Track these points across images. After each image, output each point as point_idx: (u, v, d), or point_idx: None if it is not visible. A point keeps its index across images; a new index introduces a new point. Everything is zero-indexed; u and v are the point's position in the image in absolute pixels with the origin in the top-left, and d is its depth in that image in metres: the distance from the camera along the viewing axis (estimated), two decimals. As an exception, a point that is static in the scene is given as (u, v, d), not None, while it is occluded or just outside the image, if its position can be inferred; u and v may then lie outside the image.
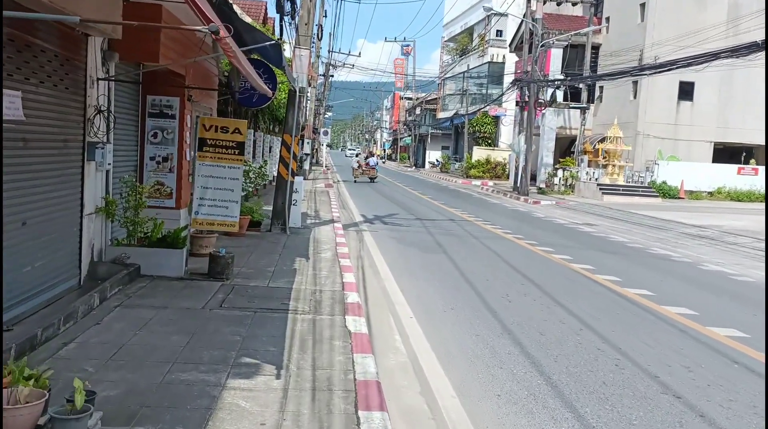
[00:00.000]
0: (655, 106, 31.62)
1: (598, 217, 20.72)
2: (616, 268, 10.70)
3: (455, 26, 57.29)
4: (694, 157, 31.87)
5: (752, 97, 31.84)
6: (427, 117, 65.97)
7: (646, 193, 27.75)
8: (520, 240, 13.69)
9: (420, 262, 10.35)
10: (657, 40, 30.65)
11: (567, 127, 36.17)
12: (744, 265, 11.77)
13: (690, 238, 15.63)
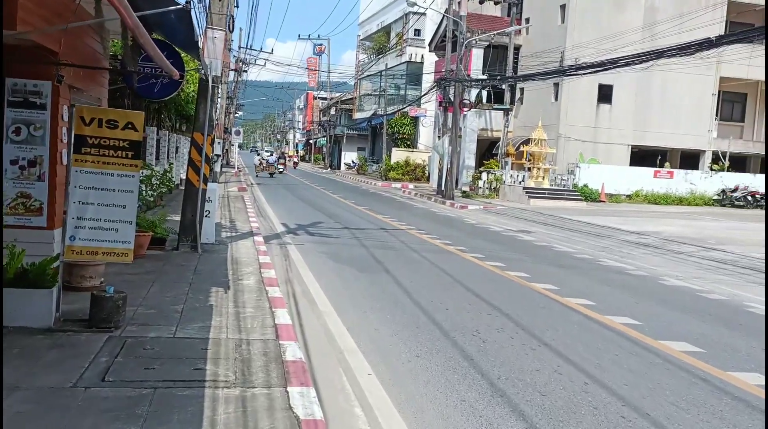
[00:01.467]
0: (576, 108, 31.35)
1: (531, 223, 19.76)
2: (579, 287, 9.45)
3: (371, 24, 55.97)
4: (613, 160, 31.85)
5: (668, 102, 32.18)
6: (342, 117, 64.35)
7: (571, 196, 27.26)
8: (464, 253, 12.31)
9: (362, 287, 8.70)
10: (578, 42, 30.35)
11: (488, 129, 35.49)
12: (706, 279, 10.84)
13: (634, 247, 14.77)
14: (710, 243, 15.28)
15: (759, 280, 11.05)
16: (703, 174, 31.73)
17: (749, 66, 32.17)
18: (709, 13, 30.88)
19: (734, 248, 14.46)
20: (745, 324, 7.73)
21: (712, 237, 16.54)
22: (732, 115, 35.62)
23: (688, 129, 32.55)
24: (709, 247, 14.50)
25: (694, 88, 32.28)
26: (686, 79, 31.72)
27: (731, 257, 13.28)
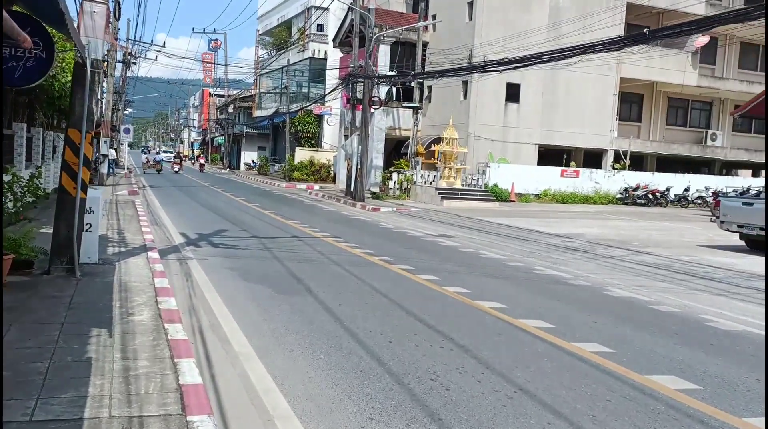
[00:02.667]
0: (485, 107, 30.98)
1: (449, 226, 18.85)
2: (528, 304, 8.43)
3: (271, 19, 53.86)
4: (522, 160, 31.76)
5: (572, 102, 32.45)
6: (241, 115, 61.77)
7: (484, 196, 26.73)
8: (391, 264, 11.07)
9: (283, 315, 7.24)
10: (486, 40, 29.96)
11: (396, 128, 34.57)
12: (649, 288, 10.14)
13: (562, 251, 14.08)
14: (635, 245, 14.85)
15: (700, 286, 10.49)
16: (607, 173, 32.24)
17: (647, 68, 33.02)
18: (610, 16, 31.33)
19: (660, 251, 14.06)
20: (718, 345, 6.91)
21: (634, 238, 16.19)
22: (630, 115, 36.56)
23: (592, 129, 32.99)
24: (637, 250, 14.03)
25: (597, 88, 32.75)
26: (590, 80, 32.10)
27: (662, 261, 12.80)
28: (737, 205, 14.02)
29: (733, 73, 37.86)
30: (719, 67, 37.77)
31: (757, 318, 8.34)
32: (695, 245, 15.24)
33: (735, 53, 38.08)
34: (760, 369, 6.01)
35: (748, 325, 7.88)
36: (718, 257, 13.24)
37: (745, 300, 9.49)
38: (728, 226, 14.27)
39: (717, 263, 12.45)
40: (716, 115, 38.52)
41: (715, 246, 15.17)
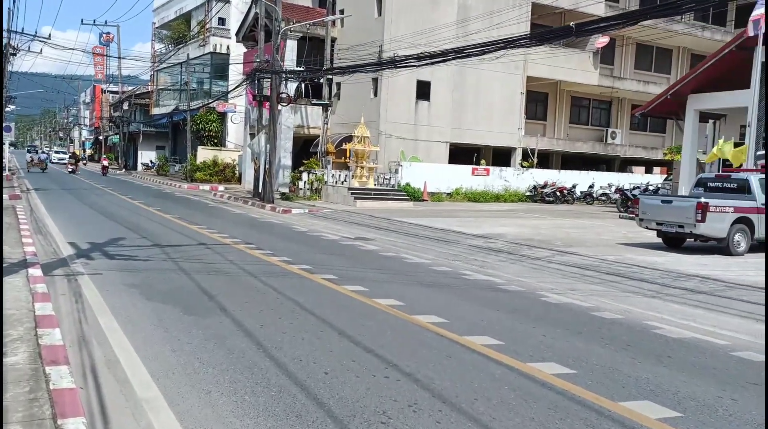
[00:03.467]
0: (396, 105, 30.43)
1: (365, 228, 18.06)
2: (468, 316, 7.74)
3: (168, 11, 51.21)
4: (433, 158, 31.47)
5: (482, 100, 32.49)
6: (138, 113, 58.51)
7: (398, 196, 26.13)
8: (312, 274, 10.12)
9: (195, 343, 6.16)
10: (395, 35, 29.41)
11: (304, 126, 33.41)
12: (582, 292, 9.73)
13: (486, 253, 13.60)
14: (558, 245, 14.60)
15: (633, 288, 10.19)
16: (516, 171, 32.51)
17: (552, 67, 33.58)
18: (516, 14, 31.58)
19: (584, 250, 13.84)
20: (676, 357, 6.44)
21: (554, 237, 15.99)
22: (536, 113, 37.14)
23: (501, 127, 33.17)
24: (561, 251, 13.74)
25: (505, 87, 32.96)
26: (498, 78, 32.25)
27: (589, 262, 12.52)
28: (656, 204, 14.02)
29: (630, 73, 39.29)
30: (617, 68, 39.08)
31: (698, 322, 8.04)
32: (614, 243, 15.19)
33: (631, 54, 39.52)
34: (728, 385, 5.55)
35: (694, 331, 7.52)
36: (640, 256, 13.15)
37: (681, 302, 9.23)
38: (647, 224, 14.26)
39: (642, 262, 12.30)
40: (615, 114, 39.86)
41: (633, 244, 15.18)
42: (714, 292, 9.90)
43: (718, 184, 14.42)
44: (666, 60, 41.04)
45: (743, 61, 21.74)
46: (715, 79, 22.76)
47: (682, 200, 13.51)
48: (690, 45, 40.49)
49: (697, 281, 10.60)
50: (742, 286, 10.25)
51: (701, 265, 12.14)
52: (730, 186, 14.12)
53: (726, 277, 10.95)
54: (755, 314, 8.56)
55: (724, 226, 13.14)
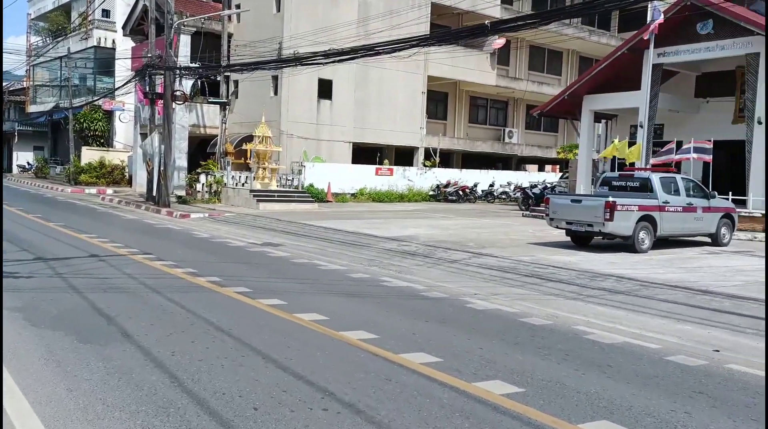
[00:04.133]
0: (297, 104, 29.62)
1: (272, 232, 17.27)
2: (397, 329, 7.27)
3: (45, 2, 47.60)
4: (336, 158, 30.92)
5: (384, 99, 32.27)
6: (12, 111, 54.09)
7: (302, 198, 25.35)
8: (222, 287, 9.33)
9: (97, 379, 5.30)
10: (295, 32, 28.60)
11: (200, 125, 31.91)
12: (506, 296, 9.53)
13: (401, 257, 13.22)
14: (471, 246, 14.45)
15: (554, 290, 10.11)
16: (419, 170, 32.54)
17: (452, 67, 33.89)
18: (416, 14, 31.58)
19: (498, 251, 13.76)
20: (616, 366, 6.25)
21: (466, 238, 15.87)
22: (437, 113, 37.41)
23: (403, 126, 33.10)
24: (476, 252, 13.59)
25: (407, 86, 32.91)
26: (399, 77, 32.15)
27: (506, 263, 12.41)
28: (566, 203, 14.17)
29: (525, 74, 40.39)
30: (512, 69, 40.06)
31: (624, 324, 7.98)
32: (525, 243, 15.25)
33: (525, 56, 40.65)
34: (677, 396, 5.38)
35: (623, 335, 7.42)
36: (553, 256, 13.20)
37: (602, 304, 9.20)
38: (557, 224, 14.39)
39: (557, 262, 12.33)
40: (512, 114, 40.88)
41: (543, 243, 15.30)
42: (631, 291, 9.97)
43: (622, 183, 14.78)
44: (557, 62, 42.55)
45: (634, 64, 22.69)
46: (608, 80, 23.63)
47: (591, 199, 13.71)
48: (578, 48, 42.18)
49: (613, 281, 10.67)
50: (655, 284, 10.40)
51: (611, 264, 12.31)
52: (633, 185, 14.50)
53: (638, 275, 11.11)
54: (675, 314, 8.63)
55: (630, 224, 13.44)
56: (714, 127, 22.88)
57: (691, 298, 9.45)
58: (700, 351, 6.86)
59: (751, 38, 19.53)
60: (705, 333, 7.70)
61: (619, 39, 41.18)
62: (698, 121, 23.83)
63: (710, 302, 9.20)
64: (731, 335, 7.64)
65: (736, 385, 5.76)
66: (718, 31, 20.42)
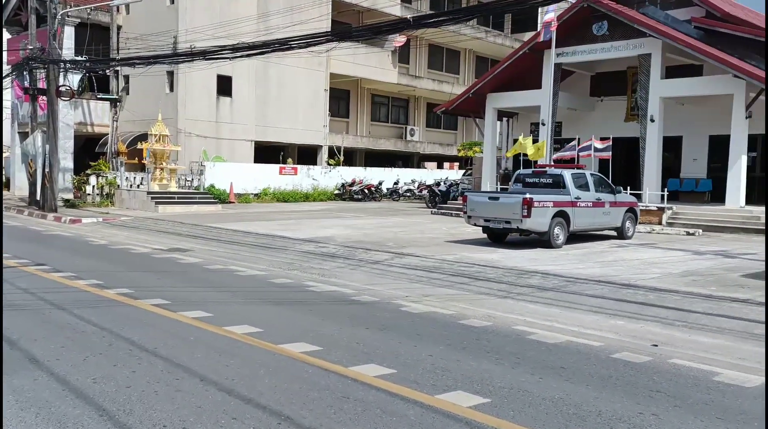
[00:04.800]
0: (195, 101, 28.35)
1: (177, 237, 16.28)
2: (341, 340, 6.85)
3: None
4: (238, 157, 29.89)
5: (286, 96, 31.54)
6: None
7: (204, 199, 24.22)
8: (135, 299, 8.52)
9: (15, 424, 4.54)
10: (191, 26, 27.36)
11: (88, 123, 29.86)
12: (438, 297, 9.32)
13: (321, 259, 12.77)
14: (391, 246, 14.21)
15: (483, 289, 10.01)
16: (324, 169, 32.04)
17: (354, 64, 33.63)
18: (317, 11, 31.07)
19: (419, 250, 13.59)
20: (569, 367, 6.14)
21: (383, 238, 15.61)
22: (339, 111, 37.04)
23: (306, 124, 32.50)
24: (397, 252, 13.35)
25: (309, 83, 32.33)
26: (301, 74, 31.53)
27: (430, 263, 12.24)
28: (483, 201, 14.22)
29: (425, 72, 40.79)
30: (413, 67, 40.34)
31: (561, 322, 7.95)
32: (443, 241, 15.19)
33: (425, 55, 41.05)
34: (639, 397, 5.30)
35: (564, 334, 7.37)
36: (475, 253, 13.19)
37: (534, 301, 9.17)
38: (475, 221, 14.42)
39: (480, 261, 12.30)
40: (413, 112, 41.17)
41: (461, 241, 15.30)
42: (559, 288, 10.04)
43: (535, 180, 15.03)
44: (455, 61, 43.30)
45: (535, 63, 23.31)
46: (511, 79, 24.16)
47: (509, 197, 13.82)
48: (475, 48, 43.12)
49: (540, 277, 10.73)
50: (580, 279, 10.54)
51: (533, 260, 12.43)
52: (546, 181, 14.77)
53: (561, 271, 11.24)
54: (605, 309, 8.71)
55: (546, 220, 13.66)
56: (608, 124, 23.94)
57: (616, 292, 9.62)
58: (640, 347, 6.89)
59: (644, 40, 20.53)
60: (638, 327, 7.79)
61: (513, 39, 42.54)
62: (594, 119, 24.86)
63: (635, 296, 9.40)
64: (663, 328, 7.76)
65: (687, 381, 5.78)
66: (613, 33, 21.32)
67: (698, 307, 8.69)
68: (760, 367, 6.22)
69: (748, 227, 17.75)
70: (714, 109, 21.11)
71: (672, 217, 19.04)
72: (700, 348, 6.91)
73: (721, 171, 21.39)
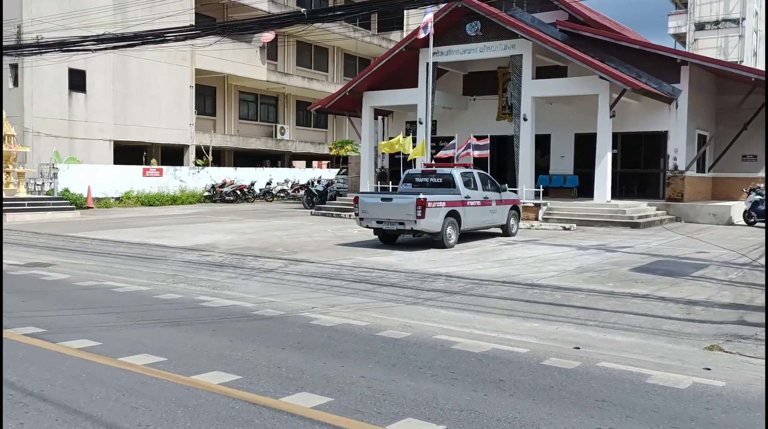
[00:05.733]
0: (44, 97, 25.76)
1: (34, 249, 14.55)
2: (269, 368, 6.16)
3: None
4: (95, 159, 27.56)
5: (147, 93, 29.54)
6: None
7: (59, 205, 21.97)
8: (5, 330, 7.25)
9: None
10: (37, 15, 24.83)
11: None
12: (348, 307, 8.83)
13: (208, 269, 11.84)
14: (280, 252, 13.47)
15: (389, 296, 9.64)
16: (191, 170, 30.37)
17: (221, 60, 32.18)
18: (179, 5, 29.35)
19: (312, 256, 12.98)
20: (510, 380, 5.88)
21: (270, 243, 14.82)
22: (205, 108, 35.33)
23: (171, 123, 30.66)
24: (289, 259, 12.65)
25: (173, 79, 30.51)
26: (164, 70, 29.67)
27: (327, 269, 11.67)
28: (376, 202, 13.85)
29: (293, 69, 39.95)
30: (281, 64, 39.37)
31: (479, 328, 7.75)
32: (334, 245, 14.67)
33: (293, 51, 40.20)
34: (589, 410, 5.12)
35: (486, 340, 7.15)
36: (372, 257, 12.79)
37: (446, 307, 8.93)
38: (368, 223, 14.03)
39: (378, 265, 11.92)
40: (282, 110, 40.18)
41: (351, 243, 14.87)
42: (466, 291, 9.88)
43: (425, 180, 14.91)
44: (323, 58, 42.82)
45: (411, 62, 23.38)
46: (388, 77, 24.07)
47: (402, 198, 13.55)
48: (343, 45, 42.87)
49: (444, 280, 10.53)
50: (484, 281, 10.44)
51: (431, 262, 12.25)
52: (436, 181, 14.69)
53: (463, 272, 11.12)
54: (517, 311, 8.64)
55: (439, 220, 13.55)
56: (481, 123, 24.54)
57: (523, 293, 9.60)
58: (564, 350, 6.80)
59: (515, 41, 21.15)
60: (554, 329, 7.75)
61: (381, 38, 42.79)
62: (467, 118, 25.38)
63: (543, 296, 9.42)
64: (577, 329, 7.78)
65: (624, 386, 5.70)
66: (486, 33, 21.80)
67: (604, 304, 8.84)
68: (681, 365, 6.31)
69: (616, 220, 18.80)
70: (579, 108, 22.22)
71: (547, 213, 19.77)
72: (619, 348, 6.94)
73: (586, 167, 22.60)
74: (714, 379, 5.90)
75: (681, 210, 20.77)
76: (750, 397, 5.43)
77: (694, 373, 6.09)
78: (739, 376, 6.03)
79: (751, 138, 22.59)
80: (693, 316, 8.19)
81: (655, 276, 10.69)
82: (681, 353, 6.79)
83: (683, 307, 8.58)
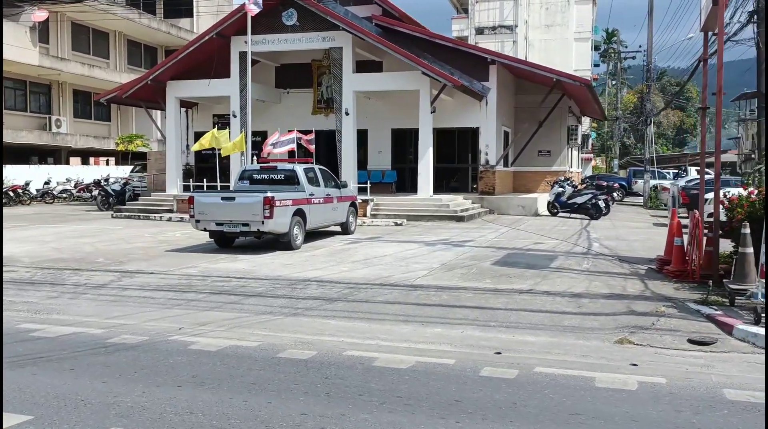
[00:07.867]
0: None
1: None
2: (169, 415, 4.82)
3: None
4: None
5: None
6: None
7: None
8: None
9: None
10: None
11: None
12: (222, 325, 7.58)
13: (18, 288, 9.61)
14: (104, 263, 11.48)
15: (261, 309, 8.50)
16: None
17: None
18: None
19: (145, 265, 11.22)
20: (470, 399, 5.23)
21: (85, 252, 12.61)
22: None
23: None
24: (120, 271, 10.78)
25: None
26: None
27: (173, 281, 10.08)
28: (216, 202, 12.37)
29: (68, 54, 35.49)
30: (54, 47, 34.73)
31: (387, 339, 7.01)
32: (164, 251, 12.89)
33: (68, 34, 35.71)
34: (570, 426, 4.67)
35: (406, 353, 6.45)
36: (217, 264, 11.37)
37: (332, 316, 8.05)
38: (205, 226, 12.51)
39: (230, 272, 10.60)
40: (57, 100, 35.50)
41: (182, 248, 13.20)
42: (345, 297, 9.05)
43: (264, 176, 13.74)
44: (104, 43, 38.66)
45: (221, 50, 21.78)
46: (197, 66, 22.19)
47: (247, 197, 12.26)
48: (125, 30, 39.09)
49: (315, 286, 9.59)
50: (359, 284, 9.72)
51: (287, 266, 11.23)
52: (277, 178, 13.62)
53: (329, 276, 10.29)
54: (411, 316, 8.03)
55: (287, 220, 12.54)
56: (296, 117, 23.69)
57: (408, 296, 9.05)
58: (490, 358, 6.31)
59: (335, 33, 20.60)
60: (461, 334, 7.27)
61: (169, 25, 39.95)
62: (281, 111, 24.37)
63: (429, 297, 8.95)
64: (484, 332, 7.34)
65: (579, 393, 5.34)
66: (304, 24, 20.98)
67: (495, 303, 8.59)
68: (608, 363, 6.17)
69: (442, 215, 19.16)
70: (395, 103, 22.36)
71: (375, 209, 19.56)
72: (538, 349, 6.66)
73: (403, 162, 22.85)
74: (651, 376, 5.79)
75: (494, 203, 21.85)
76: (699, 393, 5.35)
77: (628, 371, 5.96)
78: (669, 370, 6.00)
79: (543, 135, 24.54)
80: (584, 309, 8.23)
81: (522, 270, 10.79)
82: (598, 350, 6.67)
83: (571, 300, 8.63)
